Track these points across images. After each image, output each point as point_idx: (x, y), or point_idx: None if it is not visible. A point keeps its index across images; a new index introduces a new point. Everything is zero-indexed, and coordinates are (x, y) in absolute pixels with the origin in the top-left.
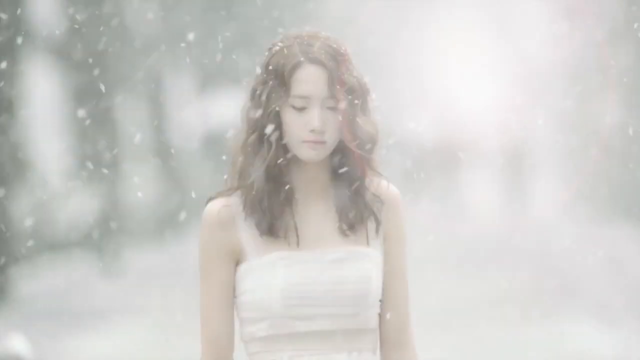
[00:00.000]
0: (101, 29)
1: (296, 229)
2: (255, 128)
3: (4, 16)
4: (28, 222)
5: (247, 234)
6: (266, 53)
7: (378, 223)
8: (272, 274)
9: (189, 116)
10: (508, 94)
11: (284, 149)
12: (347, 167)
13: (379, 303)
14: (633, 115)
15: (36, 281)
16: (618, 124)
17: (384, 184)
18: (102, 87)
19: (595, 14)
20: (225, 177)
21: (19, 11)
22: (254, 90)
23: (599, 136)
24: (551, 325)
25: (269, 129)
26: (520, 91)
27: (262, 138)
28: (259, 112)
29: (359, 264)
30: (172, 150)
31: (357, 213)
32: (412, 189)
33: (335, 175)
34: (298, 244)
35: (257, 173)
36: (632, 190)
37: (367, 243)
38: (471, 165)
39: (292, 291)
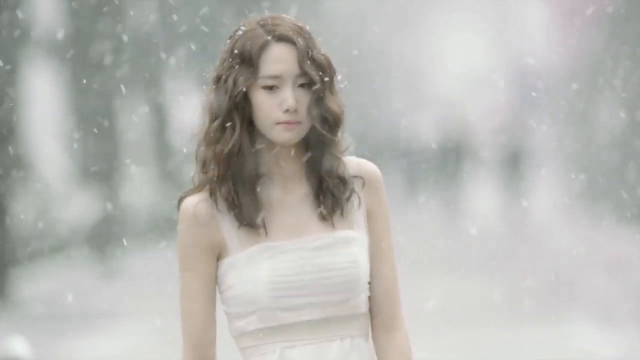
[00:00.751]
0: (102, 31)
1: (263, 219)
2: (219, 114)
3: (5, 20)
4: (29, 225)
5: (227, 227)
6: (228, 40)
7: (359, 203)
8: (256, 267)
9: (190, 118)
10: (510, 96)
11: (251, 133)
12: (319, 148)
13: (368, 286)
14: (635, 118)
15: (36, 283)
16: (619, 125)
17: (362, 162)
18: (104, 90)
19: (597, 14)
20: (192, 174)
21: (20, 14)
22: (217, 78)
23: (601, 138)
24: (553, 328)
25: (234, 111)
26: (521, 92)
27: (224, 123)
28: (224, 98)
29: (346, 249)
30: (173, 153)
31: (335, 195)
32: (414, 191)
33: (311, 158)
34: (277, 234)
35: (218, 161)
36: (635, 192)
37: (351, 226)
38: (473, 167)
39: (279, 282)
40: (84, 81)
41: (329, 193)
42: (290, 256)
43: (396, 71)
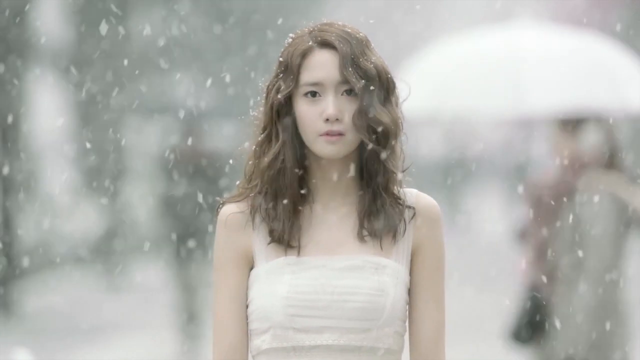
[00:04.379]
0: (109, 45)
1: (293, 234)
2: (265, 126)
3: (9, 32)
4: (33, 238)
5: (258, 240)
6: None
7: (404, 233)
8: (276, 281)
9: (195, 130)
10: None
11: (297, 146)
12: (374, 163)
13: (401, 323)
14: None
15: (40, 296)
16: (626, 136)
17: (422, 195)
18: (108, 102)
19: (602, 24)
20: (237, 183)
21: (24, 26)
22: (265, 89)
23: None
24: None
25: (277, 123)
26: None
27: (269, 136)
28: (268, 108)
29: (375, 276)
30: (176, 166)
31: (381, 219)
32: None
33: (361, 176)
34: (308, 250)
35: (261, 175)
36: None
37: (389, 254)
38: (478, 178)
39: (296, 300)
40: (90, 95)
41: (381, 212)
42: (313, 273)
43: (399, 82)
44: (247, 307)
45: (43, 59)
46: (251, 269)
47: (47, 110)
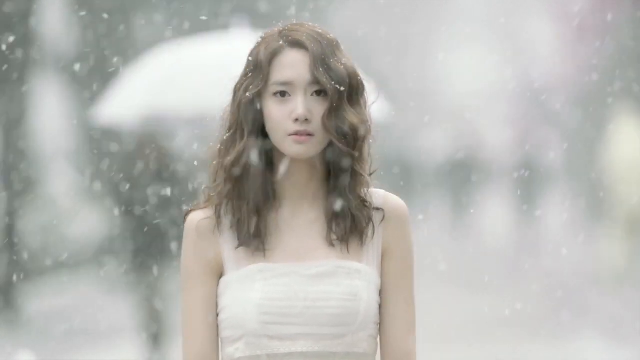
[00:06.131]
0: (112, 49)
1: (263, 239)
2: (232, 125)
3: (13, 35)
4: (37, 241)
5: (227, 246)
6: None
7: (373, 235)
8: (248, 288)
9: (197, 134)
10: (519, 111)
11: (264, 145)
12: (341, 165)
13: (375, 326)
14: None
15: (45, 299)
16: (629, 139)
17: (390, 196)
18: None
19: (606, 29)
20: (203, 187)
21: (28, 30)
22: (234, 88)
23: (610, 153)
24: (562, 343)
25: (244, 122)
26: (531, 108)
27: (235, 135)
28: (235, 107)
29: (346, 280)
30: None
31: (348, 222)
32: (422, 205)
33: (329, 178)
34: (278, 256)
35: (226, 175)
36: None
37: (360, 258)
38: (483, 182)
39: (269, 307)
40: (93, 99)
41: (348, 215)
42: (284, 280)
43: (403, 87)
44: (217, 315)
45: (47, 60)
46: (220, 276)
47: (50, 112)
